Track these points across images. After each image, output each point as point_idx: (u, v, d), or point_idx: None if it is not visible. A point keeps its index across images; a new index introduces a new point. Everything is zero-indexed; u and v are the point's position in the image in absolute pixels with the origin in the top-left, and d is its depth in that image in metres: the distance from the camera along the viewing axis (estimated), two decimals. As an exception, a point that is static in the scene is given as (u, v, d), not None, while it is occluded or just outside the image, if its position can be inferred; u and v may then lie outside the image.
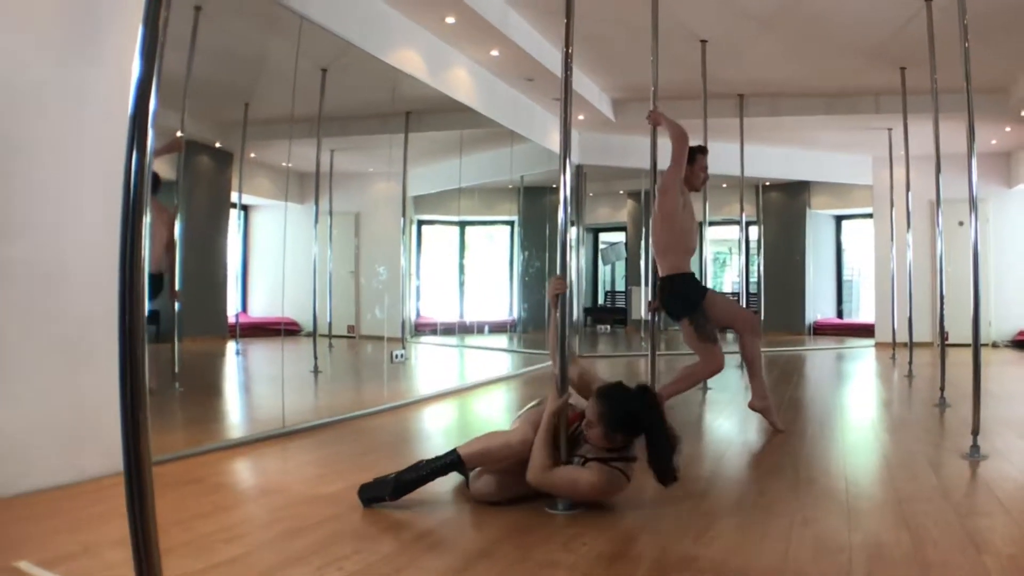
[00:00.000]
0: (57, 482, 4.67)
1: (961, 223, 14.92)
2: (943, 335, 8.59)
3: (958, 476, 5.39)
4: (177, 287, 6.84)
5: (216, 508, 4.42)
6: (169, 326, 6.85)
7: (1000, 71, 11.57)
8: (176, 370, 7.00)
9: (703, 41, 10.36)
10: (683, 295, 7.22)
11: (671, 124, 7.14)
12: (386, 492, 4.51)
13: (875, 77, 11.90)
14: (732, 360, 13.09)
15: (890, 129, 13.92)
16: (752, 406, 7.20)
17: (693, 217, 7.34)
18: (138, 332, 2.10)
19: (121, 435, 2.11)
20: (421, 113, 9.88)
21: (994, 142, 15.22)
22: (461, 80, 10.10)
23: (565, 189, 4.84)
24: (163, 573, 2.17)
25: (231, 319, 8.12)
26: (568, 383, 4.78)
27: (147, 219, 2.13)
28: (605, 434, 4.38)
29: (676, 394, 7.39)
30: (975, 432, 5.90)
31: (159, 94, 2.22)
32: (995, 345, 15.91)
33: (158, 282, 6.61)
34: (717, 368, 7.27)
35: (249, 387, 8.78)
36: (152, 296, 6.51)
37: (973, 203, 6.17)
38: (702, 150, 7.43)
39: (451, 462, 4.55)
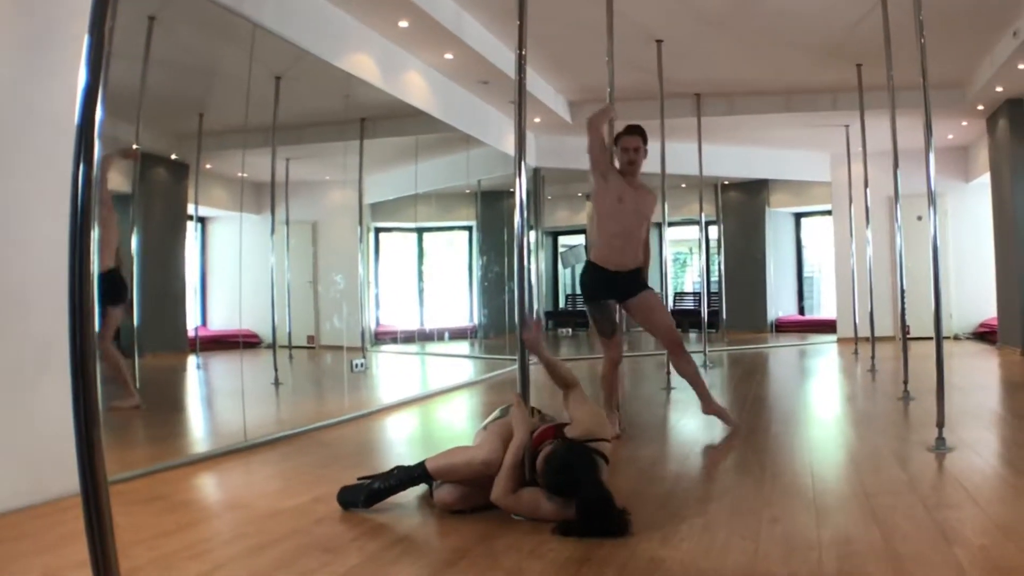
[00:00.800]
0: (19, 504, 4.59)
1: (920, 218, 15.03)
2: (904, 329, 8.63)
3: (925, 469, 5.39)
4: (135, 301, 6.77)
5: (180, 525, 4.35)
6: (129, 342, 6.77)
7: (956, 66, 11.67)
8: (137, 386, 6.92)
9: (659, 41, 10.38)
10: (582, 284, 7.18)
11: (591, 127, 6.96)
12: (360, 499, 4.57)
13: (832, 74, 11.96)
14: (696, 359, 13.14)
15: (847, 126, 13.99)
16: (705, 412, 7.17)
17: (619, 203, 6.97)
18: (89, 349, 2.06)
19: (76, 453, 2.06)
20: (376, 119, 9.83)
21: (951, 137, 15.34)
22: (415, 84, 10.05)
23: (521, 193, 4.80)
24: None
25: (191, 333, 8.03)
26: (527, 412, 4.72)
27: (95, 233, 2.09)
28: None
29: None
30: (940, 425, 5.91)
31: (112, 105, 2.19)
32: (957, 337, 16.02)
33: (118, 281, 6.53)
34: (610, 362, 7.15)
35: (210, 401, 8.69)
36: (115, 297, 6.45)
37: (932, 198, 6.19)
38: (626, 130, 7.11)
39: (419, 474, 4.58)
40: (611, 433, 5.16)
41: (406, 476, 4.62)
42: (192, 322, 8.10)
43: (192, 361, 8.17)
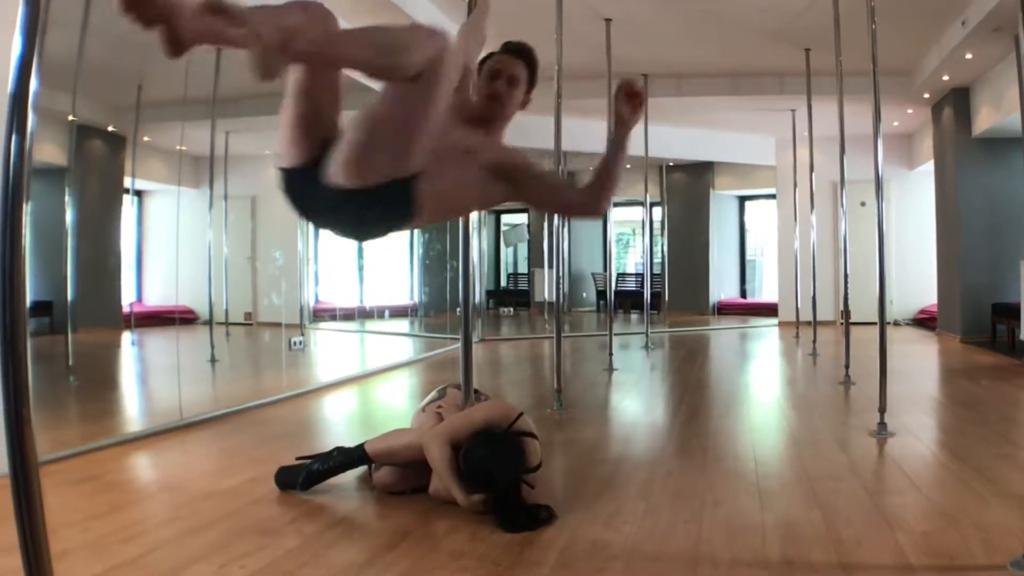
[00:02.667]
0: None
1: (863, 204, 15.10)
2: (847, 314, 8.67)
3: (866, 454, 5.42)
4: (69, 276, 6.64)
5: (113, 507, 4.26)
6: (63, 317, 6.64)
7: (903, 53, 11.74)
8: (70, 363, 6.80)
9: (607, 20, 10.33)
10: None
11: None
12: (298, 480, 4.51)
13: (779, 58, 11.98)
14: (638, 340, 13.16)
15: (794, 110, 14.03)
16: None
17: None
18: (20, 324, 2.01)
19: (5, 432, 1.99)
20: (317, 92, 9.70)
21: (896, 124, 15.44)
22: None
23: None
24: (56, 579, 2.04)
25: (126, 309, 7.90)
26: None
27: (28, 206, 2.02)
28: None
29: None
30: (882, 410, 5.93)
31: (46, 75, 2.12)
32: (897, 323, 16.15)
33: None
34: None
35: (145, 378, 8.58)
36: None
37: (879, 184, 6.18)
38: (502, 48, 4.19)
39: (358, 457, 4.53)
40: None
41: (345, 458, 4.56)
42: (127, 298, 7.97)
43: (127, 337, 8.05)
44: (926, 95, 13.21)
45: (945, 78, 12.05)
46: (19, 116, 2.06)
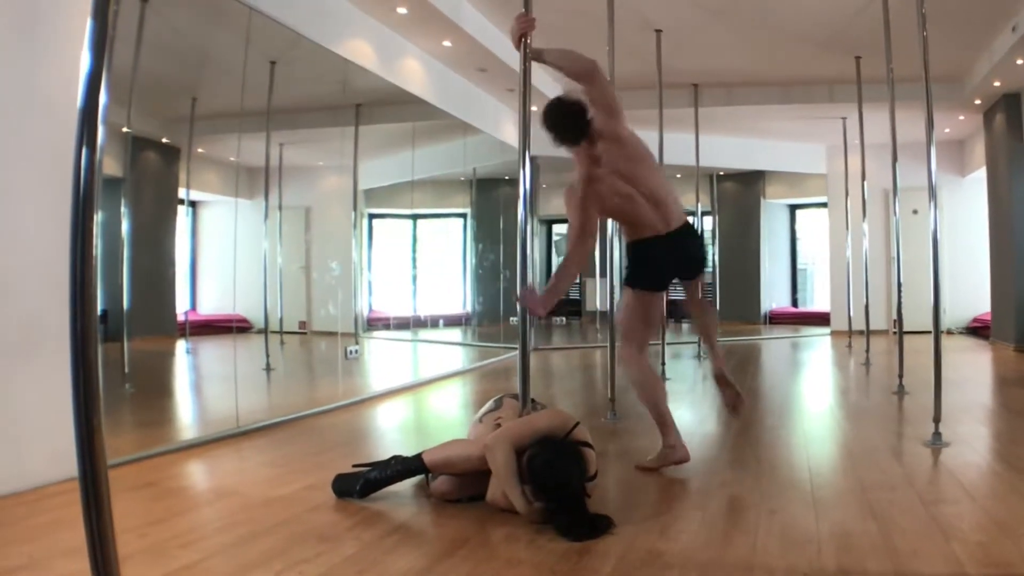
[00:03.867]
0: (1, 491, 4.53)
1: (915, 211, 15.01)
2: (900, 323, 8.62)
3: (921, 464, 5.38)
4: (125, 285, 6.72)
5: (171, 513, 4.31)
6: (118, 326, 6.72)
7: (954, 60, 11.65)
8: (126, 371, 6.87)
9: (658, 31, 10.33)
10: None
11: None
12: (355, 488, 4.56)
13: (829, 66, 11.94)
14: (689, 350, 13.13)
15: (844, 118, 13.97)
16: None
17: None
18: (91, 333, 2.03)
19: (76, 440, 2.02)
20: (372, 105, 9.78)
21: (947, 131, 15.33)
22: (413, 71, 10.00)
23: (524, 183, 4.74)
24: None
25: (180, 317, 7.98)
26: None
27: (98, 217, 2.06)
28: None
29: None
30: (936, 419, 5.91)
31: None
32: (950, 332, 16.01)
33: None
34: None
35: (201, 387, 8.66)
36: None
37: (933, 192, 6.15)
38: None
39: (416, 466, 4.57)
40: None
41: (403, 467, 4.60)
42: (182, 306, 8.06)
43: (181, 346, 8.13)
44: (977, 101, 13.11)
45: (996, 84, 11.96)
46: (89, 129, 2.07)
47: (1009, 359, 11.82)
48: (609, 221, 7.27)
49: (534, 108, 4.92)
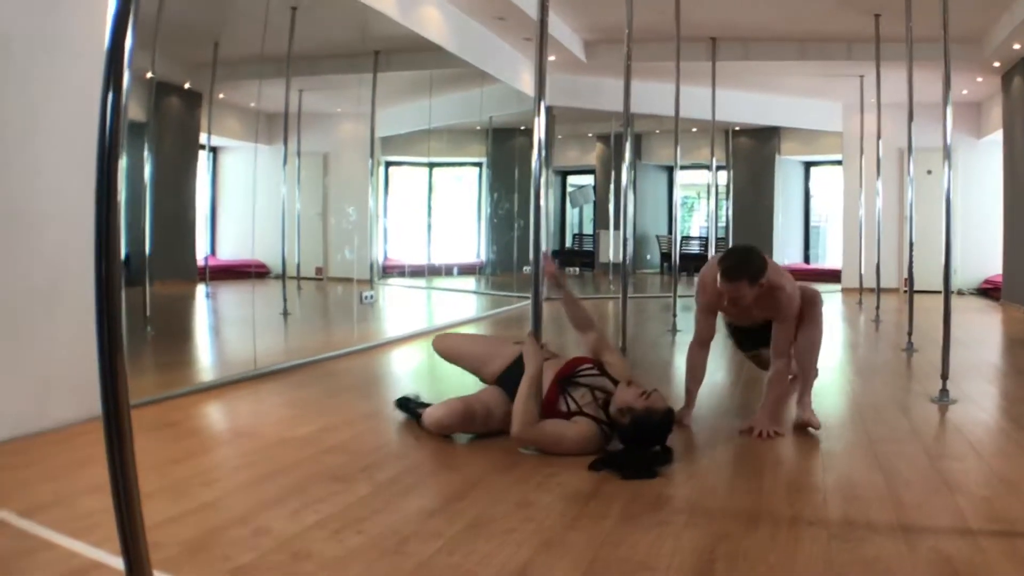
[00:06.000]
0: (26, 430, 4.58)
1: (930, 172, 14.98)
2: (911, 281, 8.65)
3: (928, 419, 5.45)
4: (147, 229, 6.78)
5: (190, 452, 4.40)
6: (140, 270, 6.78)
7: (974, 21, 11.56)
8: (147, 314, 6.94)
9: (676, -18, 10.29)
10: None
11: None
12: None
13: (848, 23, 11.86)
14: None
15: (861, 76, 13.89)
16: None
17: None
18: (115, 277, 2.06)
19: (99, 382, 2.07)
20: (390, 52, 9.78)
21: (965, 92, 15.23)
22: (431, 19, 9.99)
23: (539, 133, 4.77)
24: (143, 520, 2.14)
25: (200, 262, 8.05)
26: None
27: (123, 161, 2.09)
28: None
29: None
30: (944, 376, 5.95)
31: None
32: (960, 293, 15.98)
33: None
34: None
35: (219, 330, 8.75)
36: None
37: (947, 152, 6.17)
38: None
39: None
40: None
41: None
42: (202, 251, 8.12)
43: (201, 290, 8.20)
44: (996, 63, 13.02)
45: (1016, 47, 11.89)
46: (115, 73, 2.06)
47: (1019, 320, 11.84)
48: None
49: (552, 58, 4.96)
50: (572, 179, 21.44)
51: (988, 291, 15.72)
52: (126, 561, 1.97)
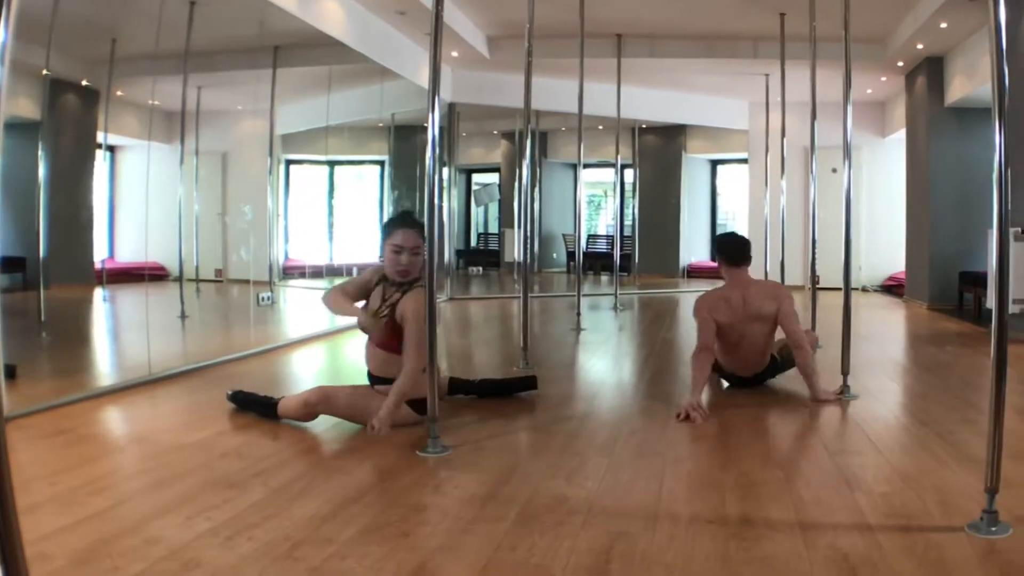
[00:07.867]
0: None
1: (834, 170, 15.19)
2: (815, 278, 8.73)
3: (829, 415, 5.49)
4: (42, 232, 6.63)
5: (82, 460, 4.30)
6: (35, 273, 6.63)
7: (878, 21, 11.71)
8: (42, 319, 6.79)
9: (580, -23, 10.28)
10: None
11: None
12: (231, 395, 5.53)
13: (754, 22, 11.94)
14: (607, 301, 13.19)
15: (767, 75, 14.00)
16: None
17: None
18: None
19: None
20: (290, 47, 9.65)
21: (869, 91, 15.46)
22: (331, 13, 9.87)
23: (434, 128, 4.74)
24: (22, 534, 2.03)
25: (98, 265, 7.88)
26: None
27: (1, 160, 2.01)
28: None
29: None
30: (845, 372, 6.00)
31: (21, 29, 2.10)
32: (865, 289, 16.22)
33: None
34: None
35: (117, 334, 8.58)
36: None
37: (848, 150, 6.20)
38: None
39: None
40: None
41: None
42: (99, 254, 7.95)
43: (98, 293, 8.04)
44: (900, 63, 13.23)
45: (919, 47, 12.08)
46: None
47: (921, 316, 12.03)
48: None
49: (454, 54, 4.92)
50: (477, 177, 21.40)
51: (892, 288, 15.95)
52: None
